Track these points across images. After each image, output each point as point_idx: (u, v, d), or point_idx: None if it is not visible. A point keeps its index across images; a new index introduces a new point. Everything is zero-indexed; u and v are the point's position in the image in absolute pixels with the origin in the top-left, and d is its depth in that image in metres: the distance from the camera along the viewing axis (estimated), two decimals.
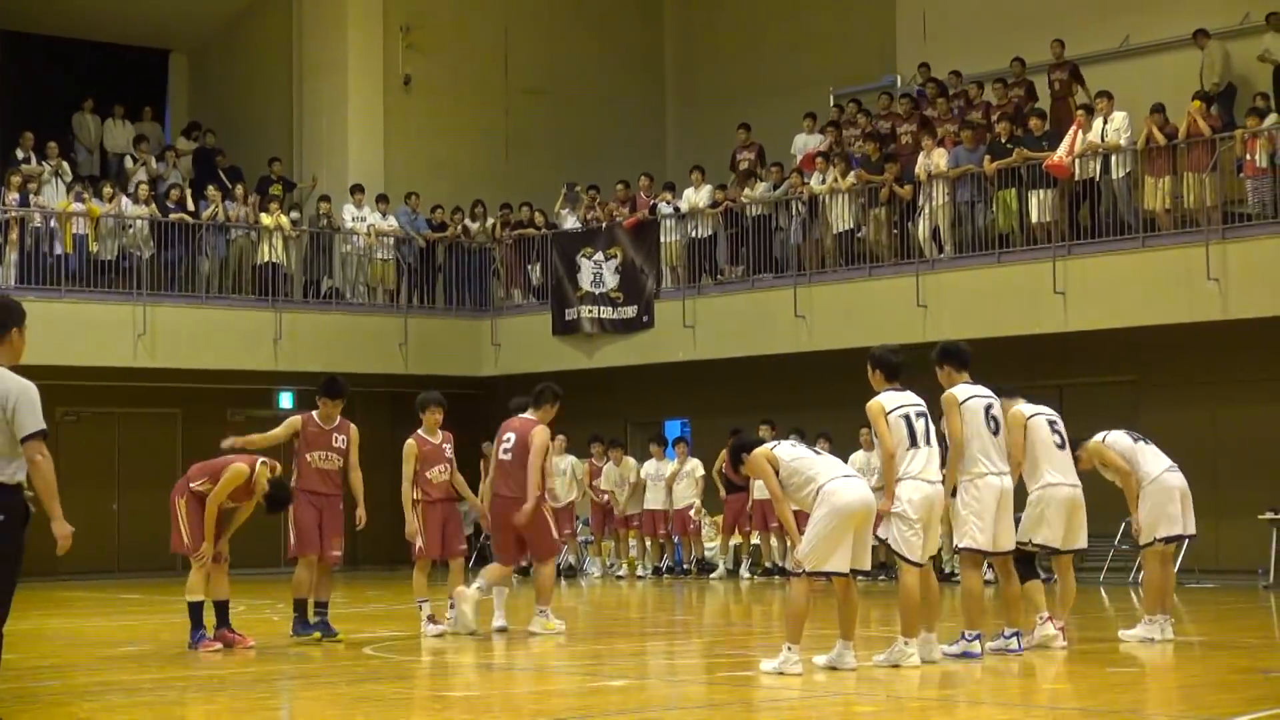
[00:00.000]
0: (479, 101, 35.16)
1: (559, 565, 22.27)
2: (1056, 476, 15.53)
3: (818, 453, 14.17)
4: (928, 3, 31.83)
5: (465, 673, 14.68)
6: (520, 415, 17.73)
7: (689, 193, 30.09)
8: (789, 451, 13.88)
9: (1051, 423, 15.68)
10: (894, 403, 14.55)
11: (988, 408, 14.85)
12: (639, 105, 36.80)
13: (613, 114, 36.14)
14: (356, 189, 31.78)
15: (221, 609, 16.52)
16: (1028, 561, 15.56)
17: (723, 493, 26.93)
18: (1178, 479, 15.96)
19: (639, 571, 28.65)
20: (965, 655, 14.38)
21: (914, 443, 14.27)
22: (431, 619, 17.64)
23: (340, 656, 15.78)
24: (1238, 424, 22.17)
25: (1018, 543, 15.12)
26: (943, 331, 26.05)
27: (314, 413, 17.78)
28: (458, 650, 16.38)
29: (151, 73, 37.08)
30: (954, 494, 14.58)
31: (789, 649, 13.44)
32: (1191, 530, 16.08)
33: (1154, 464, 15.97)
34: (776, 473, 13.70)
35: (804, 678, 13.31)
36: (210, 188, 30.74)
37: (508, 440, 17.54)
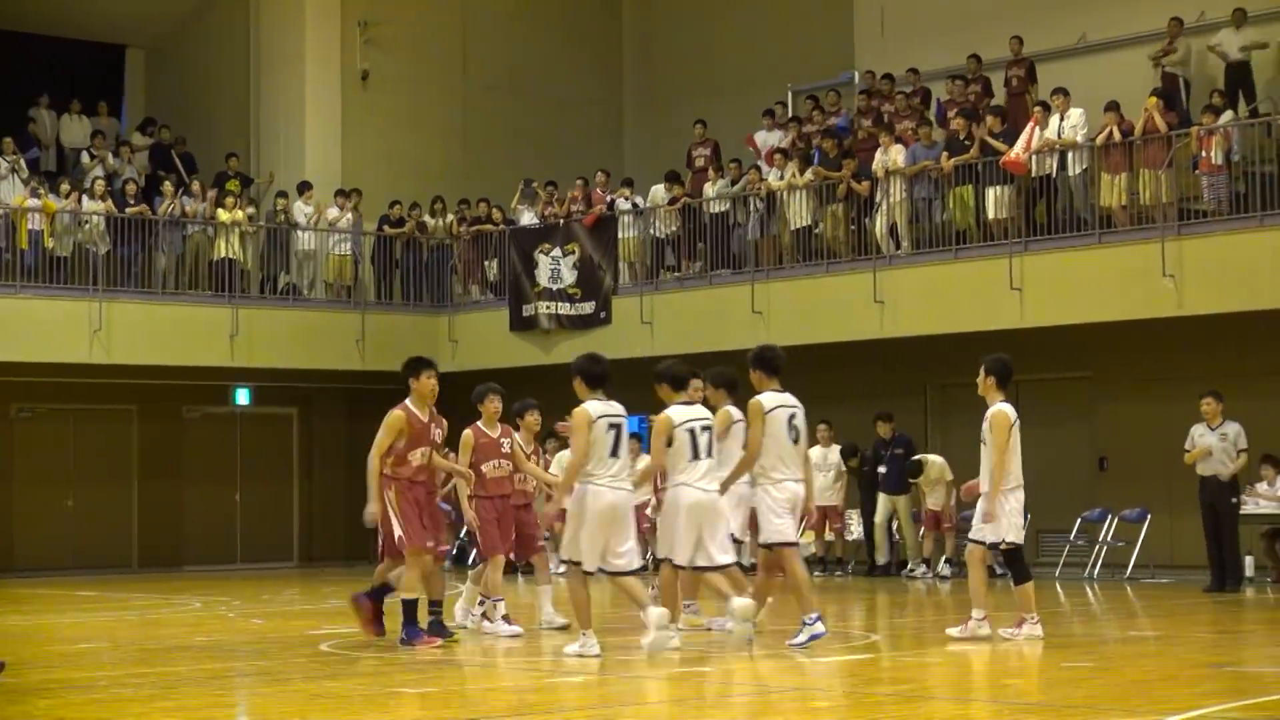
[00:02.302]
0: (437, 97, 35.10)
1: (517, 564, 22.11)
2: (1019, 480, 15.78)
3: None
4: (885, 0, 31.89)
5: (422, 669, 14.65)
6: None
7: (657, 190, 30.06)
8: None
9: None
10: (774, 402, 15.40)
11: (790, 417, 15.42)
12: (597, 102, 36.79)
13: (571, 110, 36.13)
14: (305, 186, 31.72)
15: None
16: (1018, 561, 15.75)
17: None
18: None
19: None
20: (812, 637, 15.07)
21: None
22: (506, 618, 16.89)
23: (297, 653, 15.74)
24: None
25: (1001, 543, 15.61)
26: (900, 327, 26.20)
27: (407, 402, 16.08)
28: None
29: (108, 68, 36.93)
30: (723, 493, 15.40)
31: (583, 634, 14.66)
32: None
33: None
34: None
35: (756, 675, 13.32)
36: (166, 183, 30.64)
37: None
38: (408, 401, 16.01)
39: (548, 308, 30.52)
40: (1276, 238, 23.06)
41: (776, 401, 15.42)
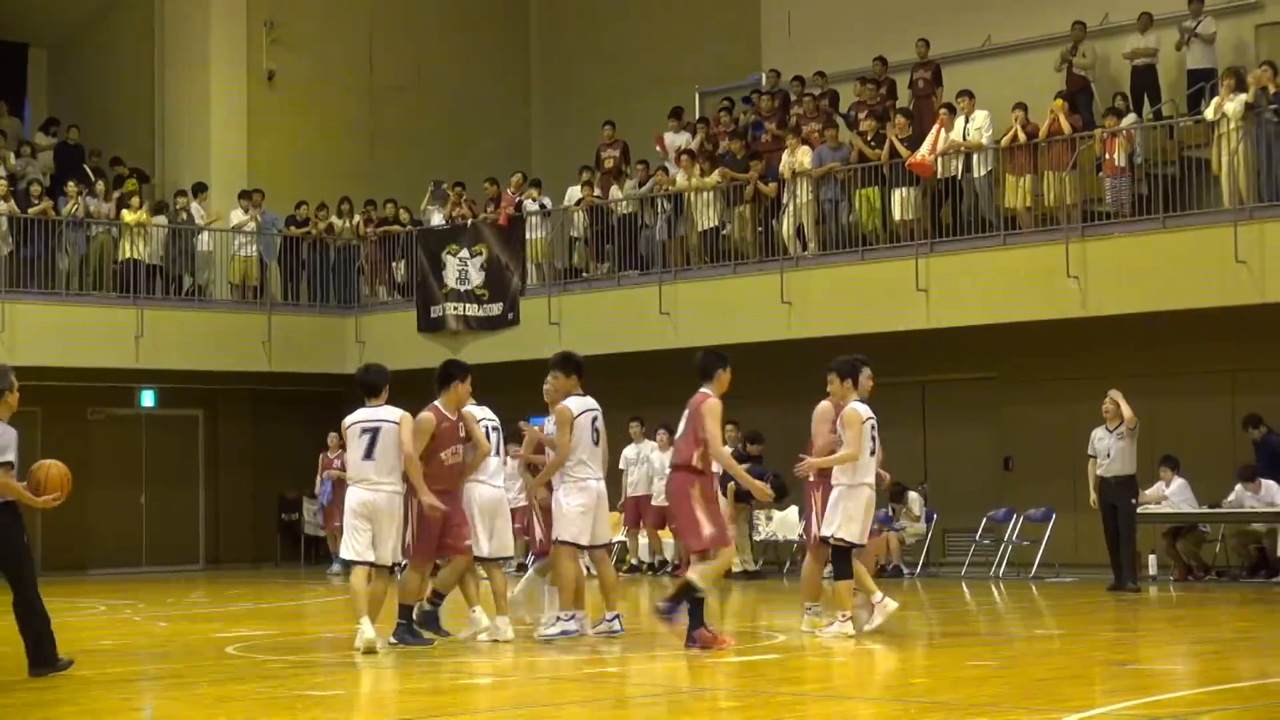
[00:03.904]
0: (344, 98, 34.97)
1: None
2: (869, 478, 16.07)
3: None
4: (793, 2, 31.98)
5: (330, 672, 14.60)
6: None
7: (573, 190, 30.06)
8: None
9: (872, 426, 16.08)
10: (581, 407, 16.00)
11: (593, 420, 16.05)
12: (505, 102, 36.74)
13: (478, 111, 36.06)
14: (200, 187, 31.55)
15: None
16: (845, 558, 15.86)
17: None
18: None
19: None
20: (564, 633, 15.76)
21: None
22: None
23: (203, 657, 15.66)
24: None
25: (829, 538, 15.95)
26: (807, 328, 26.27)
27: (438, 404, 15.85)
28: (324, 649, 16.30)
29: (10, 67, 36.57)
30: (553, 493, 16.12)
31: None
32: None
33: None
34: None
35: (669, 674, 13.34)
36: (70, 184, 30.40)
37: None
38: (438, 403, 15.80)
39: (455, 309, 30.47)
40: (1179, 239, 23.28)
41: (583, 406, 15.99)
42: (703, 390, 15.57)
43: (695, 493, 15.17)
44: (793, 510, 27.22)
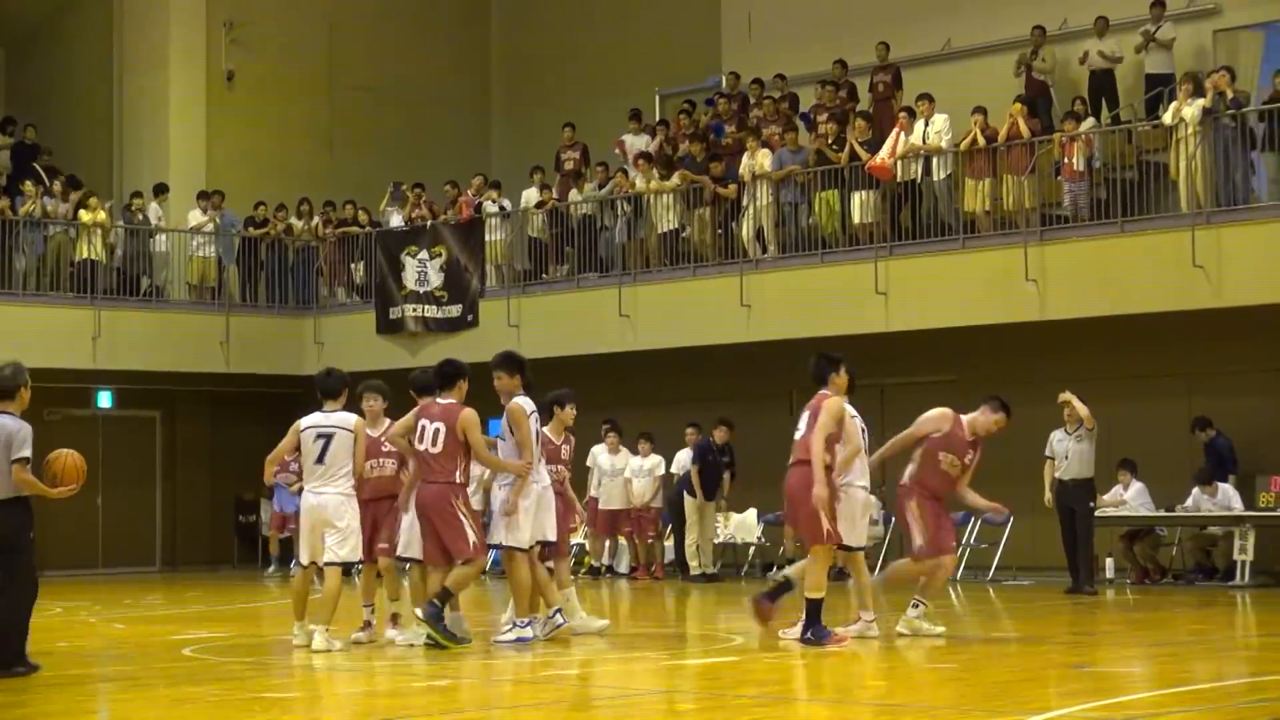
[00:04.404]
0: (303, 98, 34.88)
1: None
2: (862, 479, 16.08)
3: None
4: (753, 5, 32.00)
5: (287, 674, 14.56)
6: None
7: (529, 193, 30.02)
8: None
9: (862, 428, 16.05)
10: (532, 406, 15.97)
11: (536, 420, 15.94)
12: (465, 104, 36.68)
13: (438, 112, 36.00)
14: (161, 188, 31.43)
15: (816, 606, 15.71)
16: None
17: None
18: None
19: None
20: (520, 640, 15.65)
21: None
22: (368, 624, 16.27)
23: (159, 659, 15.59)
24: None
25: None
26: (766, 331, 26.30)
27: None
28: (280, 651, 16.25)
29: None
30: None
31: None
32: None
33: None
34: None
35: (626, 677, 13.32)
36: (28, 183, 30.24)
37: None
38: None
39: (414, 310, 30.42)
40: (1137, 243, 23.37)
41: (531, 406, 15.94)
42: (822, 391, 15.75)
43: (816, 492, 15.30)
44: (751, 513, 27.28)
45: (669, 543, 27.43)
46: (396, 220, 31.51)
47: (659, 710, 12.17)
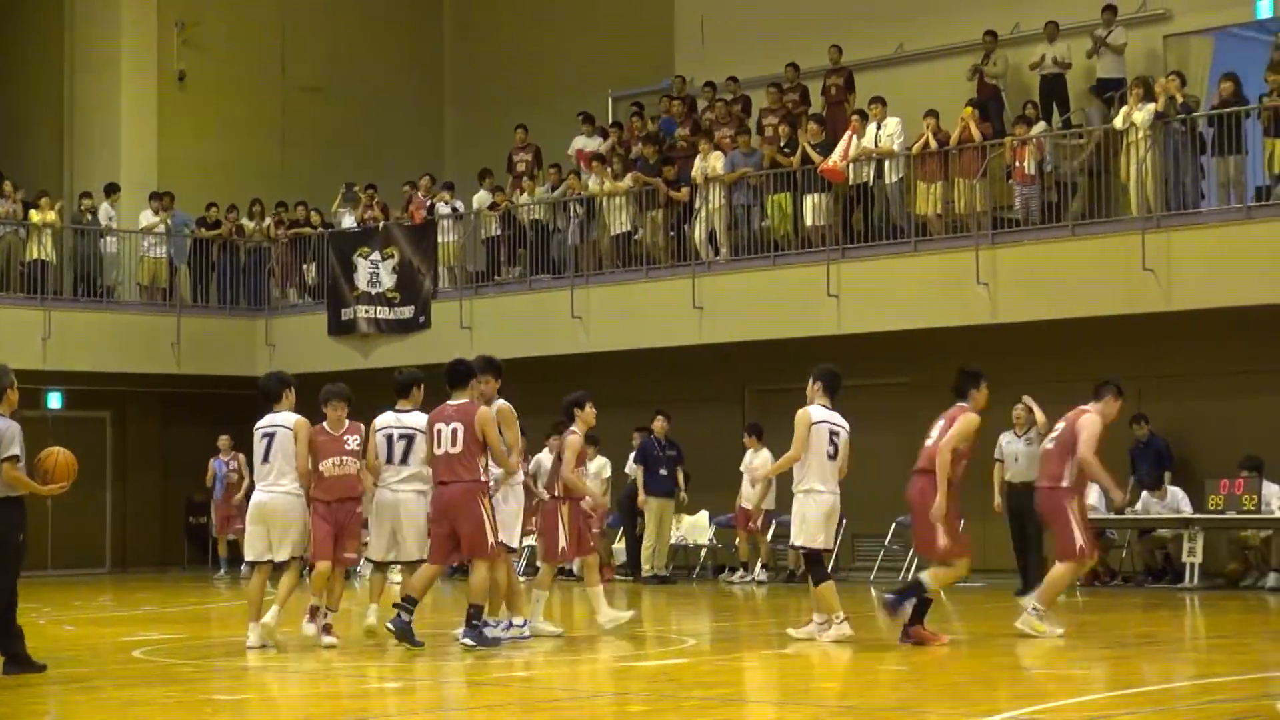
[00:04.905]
0: (255, 99, 34.76)
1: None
2: (824, 484, 15.96)
3: None
4: (706, 8, 32.02)
5: (238, 675, 14.52)
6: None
7: (481, 195, 29.99)
8: None
9: (834, 433, 15.97)
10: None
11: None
12: (417, 105, 36.61)
13: (391, 113, 35.92)
14: (112, 188, 31.32)
15: (924, 606, 15.91)
16: (816, 564, 15.93)
17: None
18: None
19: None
20: (511, 639, 15.94)
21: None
22: (328, 628, 16.09)
23: (109, 660, 15.54)
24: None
25: (799, 546, 16.00)
26: (718, 333, 26.33)
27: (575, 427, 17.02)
28: (232, 653, 16.21)
29: None
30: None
31: None
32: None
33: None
34: None
35: (579, 678, 13.33)
36: None
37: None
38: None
39: (366, 311, 30.36)
40: (1088, 247, 23.48)
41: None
42: (961, 404, 16.08)
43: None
44: (703, 515, 27.29)
45: (619, 545, 27.41)
46: (349, 221, 31.45)
47: (611, 711, 12.18)
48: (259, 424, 16.02)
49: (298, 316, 31.66)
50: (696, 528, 27.41)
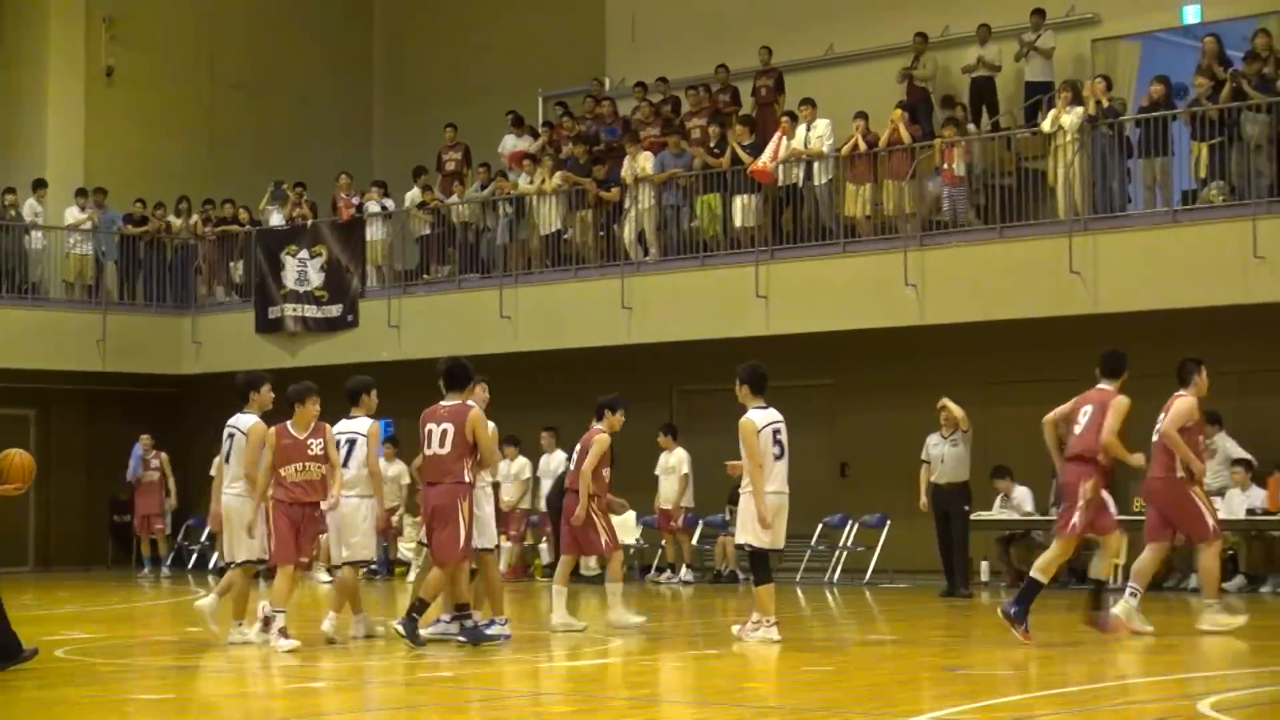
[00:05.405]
0: (183, 95, 34.57)
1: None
2: (771, 485, 15.87)
3: None
4: (637, 8, 32.02)
5: (163, 675, 14.44)
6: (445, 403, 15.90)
7: (412, 193, 29.91)
8: None
9: (777, 433, 15.96)
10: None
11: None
12: (346, 103, 36.47)
13: (320, 111, 35.78)
14: (39, 184, 31.11)
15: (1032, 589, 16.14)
16: (760, 563, 15.93)
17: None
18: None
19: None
20: (502, 637, 15.84)
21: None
22: (283, 632, 15.69)
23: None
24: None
25: (745, 545, 15.99)
26: (647, 334, 26.33)
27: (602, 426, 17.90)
28: (153, 654, 16.12)
29: None
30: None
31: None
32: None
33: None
34: None
35: (503, 679, 13.31)
36: None
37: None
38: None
39: (294, 310, 30.24)
40: (1015, 249, 23.59)
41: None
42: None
43: (1089, 486, 15.86)
44: (630, 515, 27.22)
45: (544, 545, 27.37)
46: (276, 219, 31.32)
47: (534, 712, 12.15)
48: (228, 421, 16.15)
49: (225, 314, 31.53)
50: (624, 528, 27.33)
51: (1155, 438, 16.49)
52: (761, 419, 15.83)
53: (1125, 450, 15.97)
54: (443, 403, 15.73)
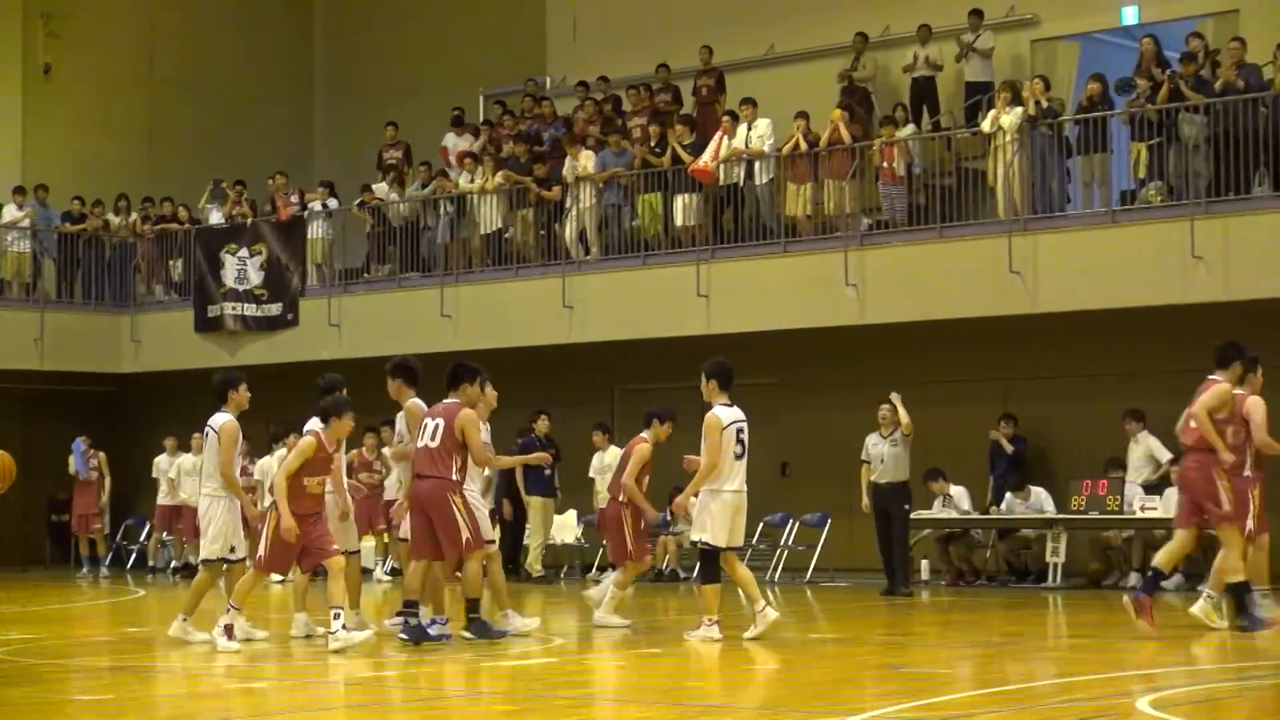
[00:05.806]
0: (122, 93, 34.42)
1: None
2: (730, 484, 16.01)
3: None
4: (578, 7, 32.02)
5: (101, 676, 14.38)
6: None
7: (380, 187, 29.86)
8: None
9: (740, 431, 16.01)
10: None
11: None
12: (287, 101, 36.37)
13: (260, 109, 35.66)
14: None
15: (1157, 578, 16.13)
16: (711, 562, 15.95)
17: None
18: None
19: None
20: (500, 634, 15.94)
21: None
22: (229, 630, 15.62)
23: None
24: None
25: (699, 542, 16.11)
26: (588, 333, 26.33)
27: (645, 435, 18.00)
28: (93, 654, 16.05)
29: None
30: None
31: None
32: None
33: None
34: None
35: (444, 678, 13.29)
36: None
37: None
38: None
39: (234, 309, 30.14)
40: (955, 249, 23.69)
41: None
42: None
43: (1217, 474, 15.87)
44: (571, 514, 27.27)
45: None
46: (216, 217, 31.21)
47: (476, 712, 12.14)
48: (208, 421, 16.24)
49: (164, 313, 31.39)
50: (564, 527, 27.38)
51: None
52: (727, 416, 15.97)
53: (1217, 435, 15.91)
54: (445, 400, 15.95)
